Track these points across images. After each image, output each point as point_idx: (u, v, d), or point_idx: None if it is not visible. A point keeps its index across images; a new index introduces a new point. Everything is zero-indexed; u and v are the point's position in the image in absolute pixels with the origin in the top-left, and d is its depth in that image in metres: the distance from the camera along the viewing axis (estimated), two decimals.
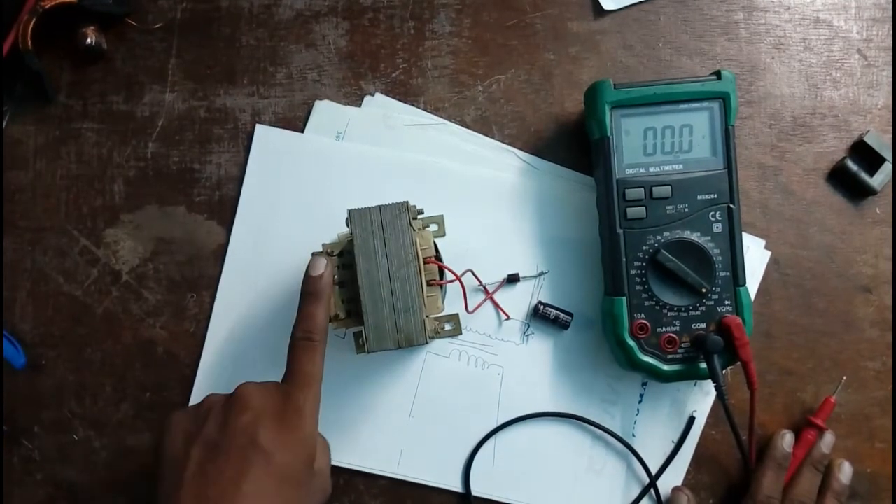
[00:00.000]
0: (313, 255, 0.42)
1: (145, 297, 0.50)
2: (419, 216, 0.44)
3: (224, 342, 0.50)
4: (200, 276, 0.50)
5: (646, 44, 0.52)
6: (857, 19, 0.53)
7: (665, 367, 0.46)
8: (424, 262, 0.43)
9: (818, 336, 0.51)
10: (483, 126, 0.51)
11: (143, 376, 0.50)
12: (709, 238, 0.46)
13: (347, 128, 0.51)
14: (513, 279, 0.50)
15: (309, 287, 0.41)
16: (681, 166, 0.46)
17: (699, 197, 0.46)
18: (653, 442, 0.49)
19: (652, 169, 0.46)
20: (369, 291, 0.41)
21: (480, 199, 0.50)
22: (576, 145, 0.51)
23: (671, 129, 0.47)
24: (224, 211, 0.51)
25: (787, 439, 0.48)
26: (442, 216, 0.46)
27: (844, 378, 0.50)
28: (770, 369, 0.50)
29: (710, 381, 0.47)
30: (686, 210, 0.46)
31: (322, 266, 0.41)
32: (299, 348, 0.39)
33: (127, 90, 0.52)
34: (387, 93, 0.52)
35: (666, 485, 0.49)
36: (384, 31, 0.52)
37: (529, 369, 0.50)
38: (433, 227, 0.46)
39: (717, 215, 0.46)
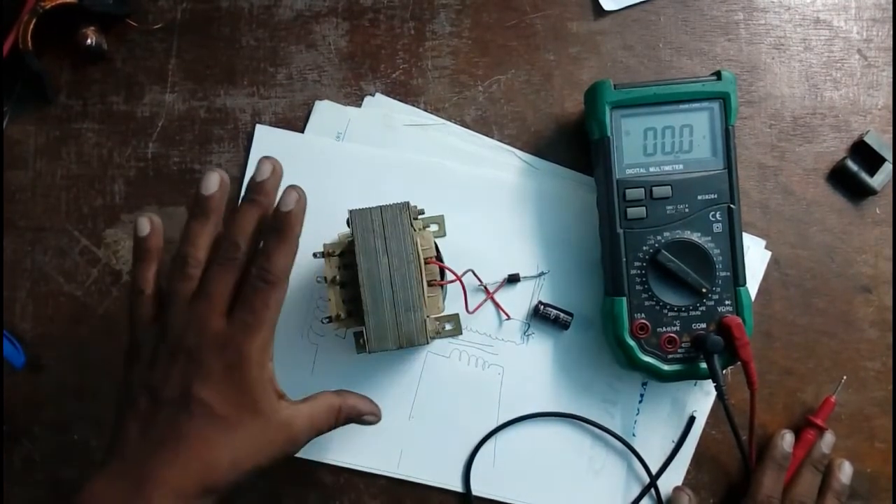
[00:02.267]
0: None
1: None
2: (420, 216, 0.44)
3: None
4: None
5: (646, 44, 0.52)
6: (857, 19, 0.53)
7: (665, 367, 0.46)
8: (425, 263, 0.43)
9: (818, 336, 0.51)
10: (483, 126, 0.52)
11: None
12: (709, 238, 0.46)
13: (347, 128, 0.51)
14: (513, 279, 0.50)
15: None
16: (681, 166, 0.46)
17: (699, 197, 0.46)
18: (653, 442, 0.49)
19: (652, 169, 0.46)
20: (370, 291, 0.41)
21: (480, 199, 0.50)
22: (576, 145, 0.51)
23: (671, 129, 0.47)
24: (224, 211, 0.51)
25: (787, 439, 0.48)
26: (442, 216, 0.47)
27: (844, 378, 0.50)
28: (770, 369, 0.50)
29: (710, 381, 0.47)
30: (686, 210, 0.46)
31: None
32: (253, 290, 0.37)
33: (127, 90, 0.52)
34: (387, 93, 0.52)
35: (666, 485, 0.49)
36: (384, 31, 0.52)
37: (529, 369, 0.50)
38: (434, 227, 0.46)
39: (718, 215, 0.46)
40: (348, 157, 0.51)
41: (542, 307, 0.49)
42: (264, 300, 0.37)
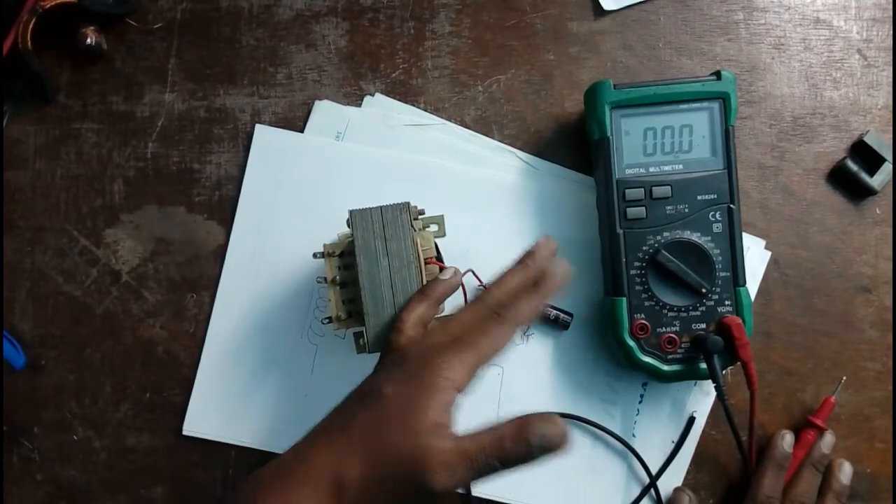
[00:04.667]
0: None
1: (145, 298, 0.50)
2: (420, 216, 0.44)
3: (224, 342, 0.50)
4: (200, 276, 0.50)
5: (646, 44, 0.52)
6: (857, 19, 0.53)
7: (665, 368, 0.46)
8: (425, 263, 0.42)
9: (818, 336, 0.51)
10: (483, 126, 0.51)
11: (142, 376, 0.50)
12: (709, 238, 0.46)
13: (347, 128, 0.51)
14: None
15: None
16: (681, 166, 0.46)
17: (699, 197, 0.46)
18: (653, 442, 0.49)
19: (652, 169, 0.46)
20: (370, 292, 0.41)
21: (480, 199, 0.50)
22: (576, 145, 0.51)
23: (671, 129, 0.47)
24: (224, 211, 0.51)
25: (787, 439, 0.48)
26: (442, 216, 0.46)
27: (844, 378, 0.50)
28: (770, 369, 0.50)
29: (710, 381, 0.47)
30: (686, 210, 0.46)
31: (544, 245, 0.41)
32: (481, 316, 0.38)
33: (127, 90, 0.51)
34: (387, 93, 0.52)
35: (666, 485, 0.49)
36: (384, 31, 0.52)
37: (529, 369, 0.50)
38: (433, 228, 0.46)
39: (717, 215, 0.46)
40: (348, 157, 0.51)
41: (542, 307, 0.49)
42: (484, 327, 0.37)
